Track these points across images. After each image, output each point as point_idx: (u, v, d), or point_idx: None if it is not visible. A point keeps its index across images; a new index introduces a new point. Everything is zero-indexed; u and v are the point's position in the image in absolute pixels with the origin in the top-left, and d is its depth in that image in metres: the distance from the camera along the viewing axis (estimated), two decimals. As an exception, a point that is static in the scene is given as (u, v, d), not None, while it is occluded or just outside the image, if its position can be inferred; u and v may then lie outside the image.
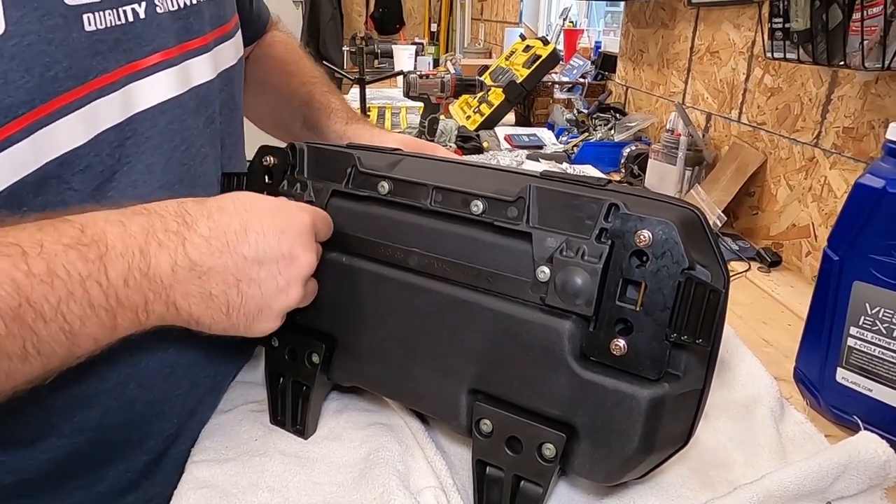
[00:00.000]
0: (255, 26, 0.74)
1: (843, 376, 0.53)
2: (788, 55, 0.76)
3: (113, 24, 0.41)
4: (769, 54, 0.81)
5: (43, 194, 0.39)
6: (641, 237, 0.37)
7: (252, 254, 0.39)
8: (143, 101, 0.44)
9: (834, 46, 0.68)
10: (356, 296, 0.47)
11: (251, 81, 0.74)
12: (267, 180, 0.51)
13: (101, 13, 0.40)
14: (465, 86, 1.45)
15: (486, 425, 0.42)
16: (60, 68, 0.37)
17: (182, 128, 0.47)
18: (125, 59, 0.42)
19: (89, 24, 0.39)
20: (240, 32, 0.60)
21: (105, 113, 0.41)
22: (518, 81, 1.64)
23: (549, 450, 0.40)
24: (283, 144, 0.52)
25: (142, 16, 0.43)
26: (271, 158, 0.51)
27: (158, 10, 0.45)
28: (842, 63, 0.68)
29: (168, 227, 0.37)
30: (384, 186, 0.46)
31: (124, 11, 0.42)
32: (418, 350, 0.45)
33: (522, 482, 0.42)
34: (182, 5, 0.48)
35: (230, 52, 0.56)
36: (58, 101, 0.37)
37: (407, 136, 0.67)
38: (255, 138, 0.65)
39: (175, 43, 0.47)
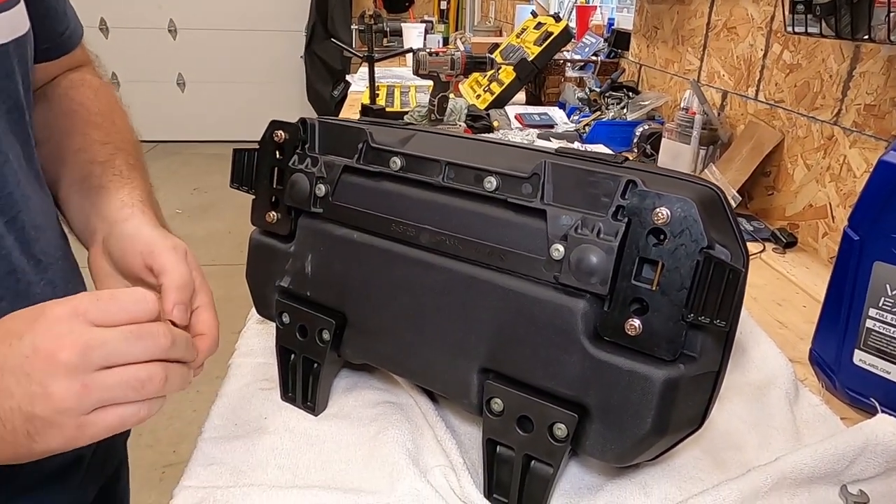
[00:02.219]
0: (57, 40, 0.58)
1: (861, 358, 0.52)
2: (810, 29, 0.74)
3: None
4: (790, 28, 0.78)
5: None
6: (659, 215, 0.36)
7: None
8: None
9: (858, 19, 0.66)
10: (367, 273, 0.47)
11: (38, 129, 0.55)
12: (278, 155, 0.51)
13: None
14: (475, 63, 1.43)
15: (497, 404, 0.42)
16: None
17: None
18: None
19: None
20: (20, 7, 0.48)
21: None
22: (529, 59, 1.61)
23: (560, 430, 0.39)
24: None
25: None
26: (282, 133, 0.50)
27: None
28: (866, 37, 0.66)
29: None
30: (396, 162, 0.45)
31: None
32: (429, 328, 0.45)
33: (533, 462, 0.41)
34: None
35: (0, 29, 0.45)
36: None
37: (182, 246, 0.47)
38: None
39: None
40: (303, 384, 0.51)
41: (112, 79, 4.47)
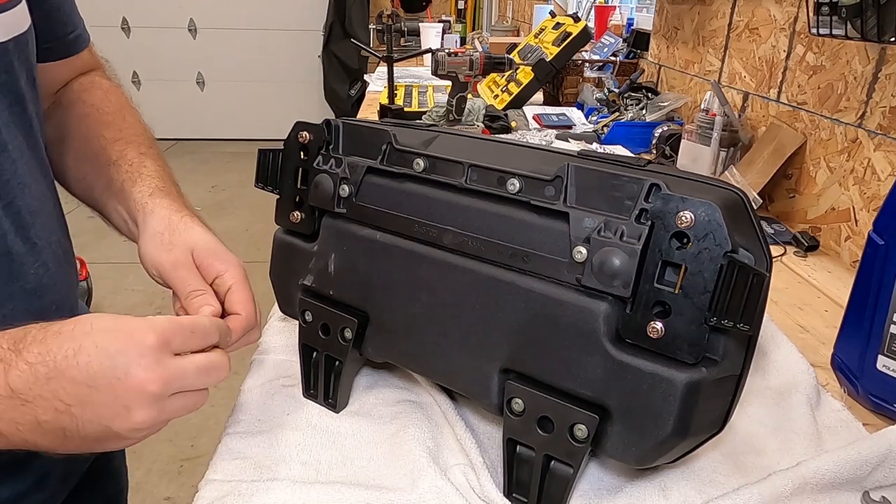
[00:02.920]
0: (62, 40, 0.60)
1: (885, 364, 0.52)
2: (835, 31, 0.73)
3: None
4: (814, 30, 0.78)
5: None
6: (683, 218, 0.36)
7: (82, 377, 0.36)
8: None
9: (886, 21, 0.65)
10: (390, 273, 0.47)
11: (55, 130, 0.60)
12: (302, 156, 0.52)
13: None
14: (493, 64, 1.43)
15: (517, 404, 0.42)
16: None
17: None
18: None
19: None
20: (20, 7, 0.50)
21: None
22: (547, 60, 1.61)
23: (580, 431, 0.40)
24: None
25: None
26: (307, 134, 0.51)
27: None
28: (893, 39, 0.66)
29: None
30: (419, 164, 0.46)
31: None
32: (451, 328, 0.45)
33: (553, 462, 0.42)
34: None
35: None
36: None
37: (209, 236, 0.52)
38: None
39: None
40: (324, 382, 0.52)
41: (133, 77, 4.54)
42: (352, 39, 1.99)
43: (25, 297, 0.50)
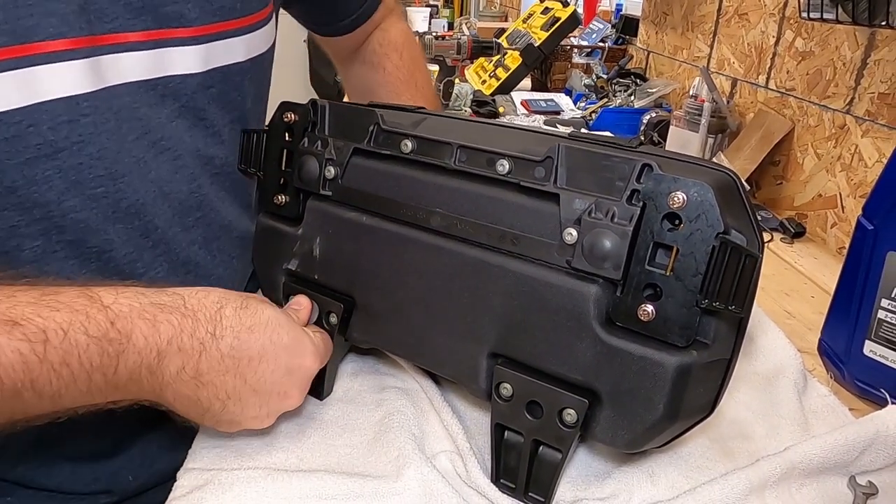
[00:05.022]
0: (353, 16, 0.73)
1: (871, 349, 0.52)
2: (826, 15, 0.73)
3: None
4: (804, 14, 0.77)
5: None
6: (675, 199, 0.35)
7: (254, 382, 0.41)
8: (110, 77, 0.43)
9: (877, 5, 0.65)
10: (376, 256, 0.46)
11: (363, 84, 0.77)
12: (287, 137, 0.50)
13: None
14: (481, 48, 1.42)
15: (506, 389, 0.41)
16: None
17: (134, 116, 0.46)
18: (89, 30, 0.41)
19: None
20: (266, 28, 0.56)
21: (54, 81, 0.40)
22: (536, 45, 1.60)
23: (570, 415, 0.39)
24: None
25: None
26: (292, 115, 0.49)
27: None
28: (884, 23, 0.65)
29: (196, 333, 0.38)
30: (407, 145, 0.45)
31: None
32: (439, 312, 0.44)
33: (542, 447, 0.41)
34: None
35: (238, 48, 0.52)
36: None
37: None
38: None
39: (147, 27, 0.45)
40: (309, 367, 0.51)
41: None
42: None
43: None
